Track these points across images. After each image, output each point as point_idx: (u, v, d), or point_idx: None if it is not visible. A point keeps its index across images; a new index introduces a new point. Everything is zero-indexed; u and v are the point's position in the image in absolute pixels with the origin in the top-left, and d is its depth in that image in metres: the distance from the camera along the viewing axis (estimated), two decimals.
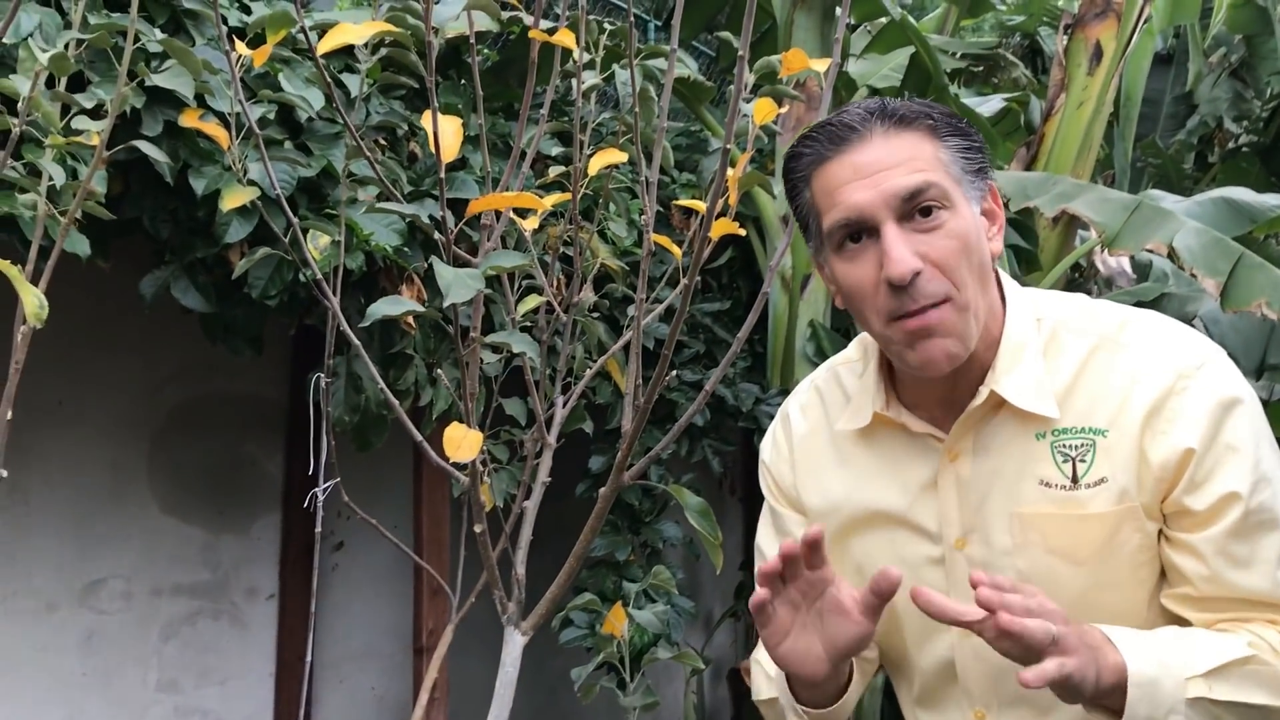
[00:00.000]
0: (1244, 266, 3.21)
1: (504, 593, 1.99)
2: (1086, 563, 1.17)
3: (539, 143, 2.22)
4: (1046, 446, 1.18)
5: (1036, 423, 1.19)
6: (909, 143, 1.16)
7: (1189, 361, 1.16)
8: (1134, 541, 1.16)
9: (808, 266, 4.29)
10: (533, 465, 2.21)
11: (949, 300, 1.14)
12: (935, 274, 1.13)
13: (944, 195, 1.14)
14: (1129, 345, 1.19)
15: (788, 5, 4.52)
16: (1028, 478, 1.19)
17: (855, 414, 1.31)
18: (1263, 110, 7.20)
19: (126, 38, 1.75)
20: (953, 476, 1.24)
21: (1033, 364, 1.19)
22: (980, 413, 1.22)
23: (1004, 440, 1.21)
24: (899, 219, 1.14)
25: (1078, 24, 4.36)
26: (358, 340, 2.01)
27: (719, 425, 4.14)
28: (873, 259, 1.15)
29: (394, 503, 3.81)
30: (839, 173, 1.16)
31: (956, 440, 1.23)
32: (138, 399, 3.56)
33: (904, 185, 1.13)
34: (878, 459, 1.30)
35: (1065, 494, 1.17)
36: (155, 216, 2.57)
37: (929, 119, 1.18)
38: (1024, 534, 1.19)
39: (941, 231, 1.14)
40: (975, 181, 1.20)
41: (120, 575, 3.49)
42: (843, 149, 1.17)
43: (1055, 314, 1.24)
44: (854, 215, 1.15)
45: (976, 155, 1.20)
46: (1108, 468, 1.16)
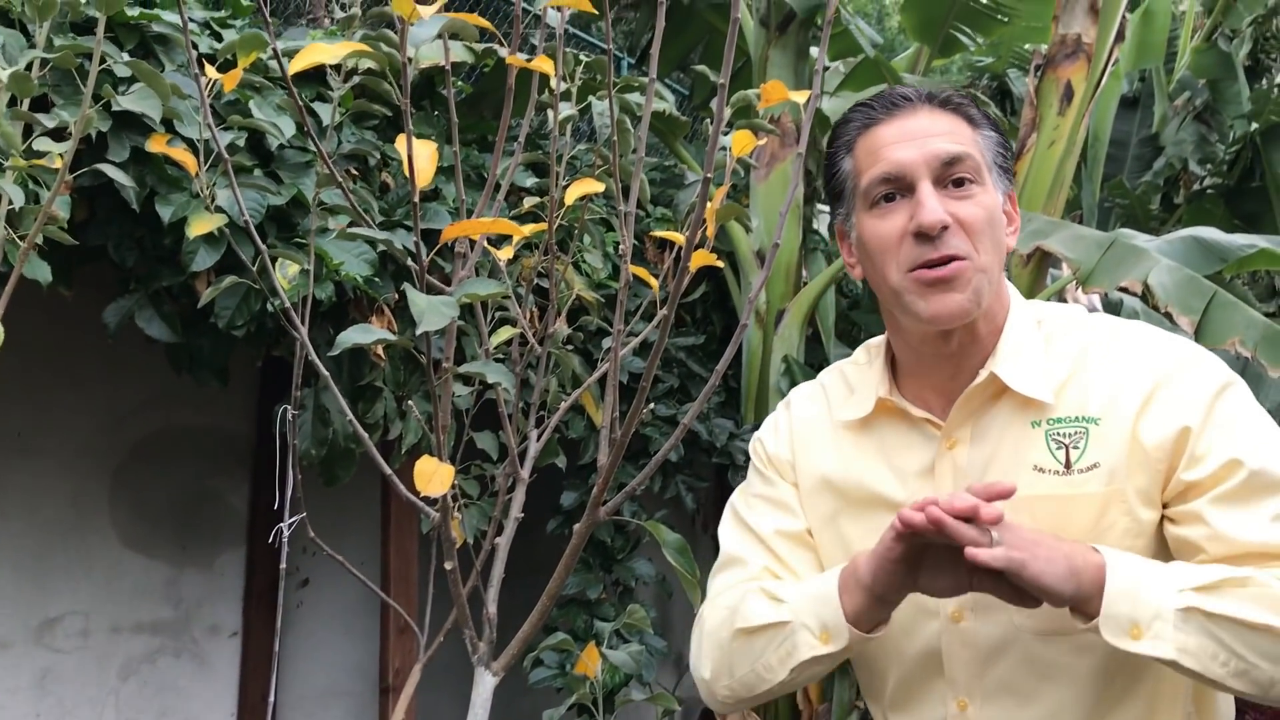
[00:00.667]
0: (1217, 305, 3.22)
1: (475, 632, 1.94)
2: None
3: (514, 174, 2.19)
4: (1041, 434, 1.23)
5: (1033, 410, 1.24)
6: (953, 121, 1.26)
7: (1183, 353, 1.23)
8: (1120, 525, 1.19)
9: (782, 301, 4.28)
10: (504, 500, 2.17)
11: (969, 259, 1.21)
12: (960, 233, 1.21)
13: (977, 170, 1.24)
14: (1123, 340, 1.26)
15: (762, 42, 4.54)
16: (1022, 464, 1.23)
17: (859, 404, 1.36)
18: (1226, 153, 7.30)
19: (92, 59, 1.71)
20: (950, 463, 1.27)
21: (1033, 354, 1.26)
22: (979, 399, 1.26)
23: (1000, 428, 1.26)
24: (935, 180, 1.22)
25: (1049, 64, 4.39)
26: (326, 371, 1.96)
27: (692, 461, 4.10)
28: (904, 213, 1.23)
29: (361, 539, 3.74)
30: (886, 134, 1.26)
31: (955, 427, 1.27)
32: (99, 430, 3.48)
33: (946, 149, 1.22)
34: (875, 446, 1.34)
35: (1058, 479, 1.21)
36: (120, 243, 2.52)
37: (972, 108, 1.29)
38: (1015, 517, 1.19)
39: (972, 201, 1.22)
40: (1002, 176, 1.29)
41: (78, 612, 3.40)
42: (893, 114, 1.26)
43: (1053, 316, 1.32)
44: (895, 170, 1.23)
45: (1006, 153, 1.30)
46: (1099, 453, 1.20)
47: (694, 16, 4.91)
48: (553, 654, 3.24)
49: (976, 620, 1.25)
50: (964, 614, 1.26)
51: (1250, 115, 7.06)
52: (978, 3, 5.24)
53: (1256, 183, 7.08)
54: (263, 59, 2.73)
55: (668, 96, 4.12)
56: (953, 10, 5.16)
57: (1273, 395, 3.91)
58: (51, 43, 2.01)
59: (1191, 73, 7.36)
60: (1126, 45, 6.68)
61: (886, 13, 16.48)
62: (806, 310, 4.27)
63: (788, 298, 4.29)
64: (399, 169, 3.10)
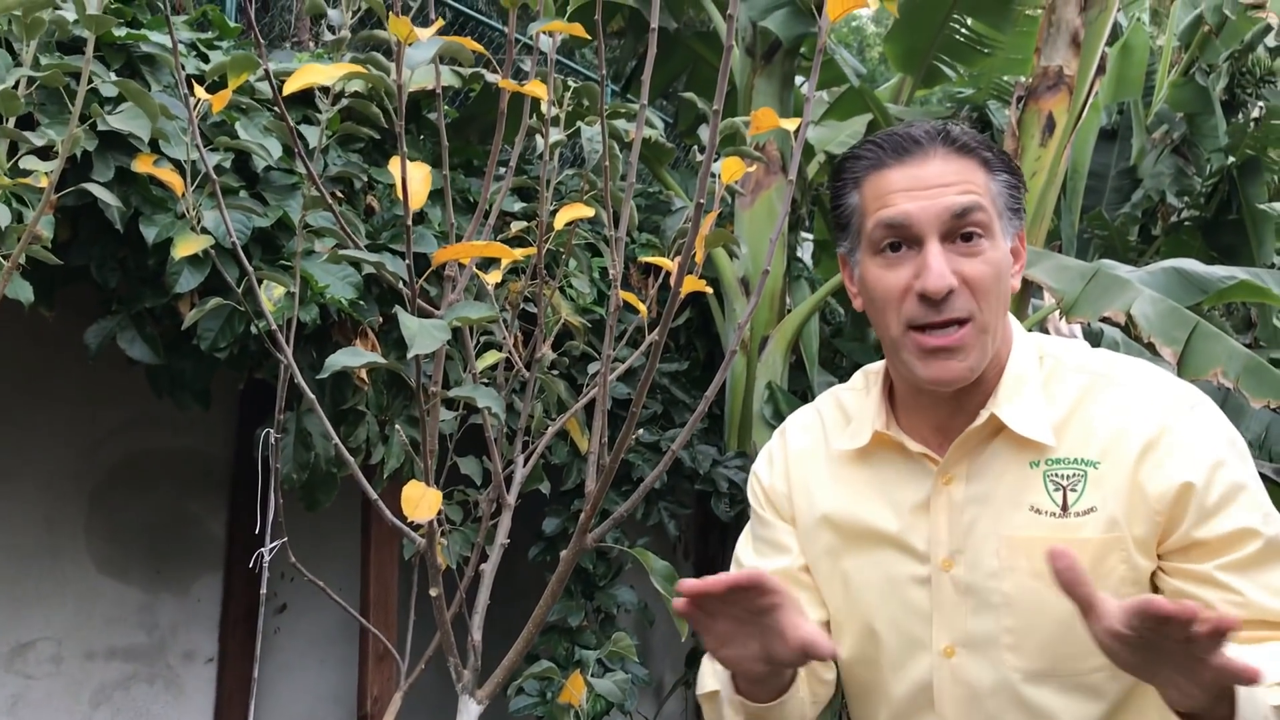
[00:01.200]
0: (1200, 335, 3.25)
1: (459, 659, 1.92)
2: None
3: (504, 199, 2.19)
4: (1039, 475, 1.21)
5: (1031, 451, 1.22)
6: (966, 167, 1.21)
7: (1184, 400, 1.21)
8: (1119, 572, 1.17)
9: (766, 328, 4.29)
10: (489, 526, 2.15)
11: (971, 320, 1.18)
12: (966, 294, 1.18)
13: (988, 224, 1.20)
14: (1124, 383, 1.23)
15: (748, 71, 4.57)
16: (1019, 504, 1.21)
17: (855, 434, 1.34)
18: (1204, 186, 7.38)
19: (80, 79, 1.70)
20: (945, 499, 1.26)
21: (1033, 394, 1.23)
22: (978, 437, 1.24)
23: (999, 467, 1.23)
24: (943, 236, 1.18)
25: (1030, 96, 4.43)
26: (312, 394, 1.94)
27: (675, 487, 4.09)
28: (909, 268, 1.19)
29: (340, 564, 3.70)
30: (896, 179, 1.21)
31: (952, 464, 1.25)
32: (77, 453, 3.44)
33: (957, 203, 1.18)
34: (872, 478, 1.32)
35: (1055, 520, 1.19)
36: (103, 264, 2.50)
37: (986, 151, 1.24)
38: (1011, 557, 1.20)
39: (980, 258, 1.19)
40: (1012, 219, 1.25)
41: (51, 637, 3.34)
42: (904, 159, 1.22)
43: (1056, 353, 1.29)
44: (902, 219, 1.19)
45: (1018, 194, 1.26)
46: (1097, 497, 1.18)
47: (679, 45, 4.94)
48: (534, 682, 3.21)
49: (968, 657, 1.24)
50: (956, 650, 1.25)
51: (1227, 149, 7.14)
52: (960, 34, 5.29)
53: (1233, 215, 7.15)
54: (250, 80, 2.72)
55: (655, 124, 4.14)
56: (936, 41, 5.21)
57: (1254, 426, 3.93)
58: (39, 62, 2.00)
59: (1169, 106, 7.45)
60: (1106, 79, 6.75)
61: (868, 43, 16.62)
62: (790, 337, 4.28)
63: (772, 325, 4.29)
64: (385, 192, 3.10)
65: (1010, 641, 1.20)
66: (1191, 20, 7.27)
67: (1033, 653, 1.19)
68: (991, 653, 1.22)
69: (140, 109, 1.89)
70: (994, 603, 1.21)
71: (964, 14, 5.17)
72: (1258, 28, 6.86)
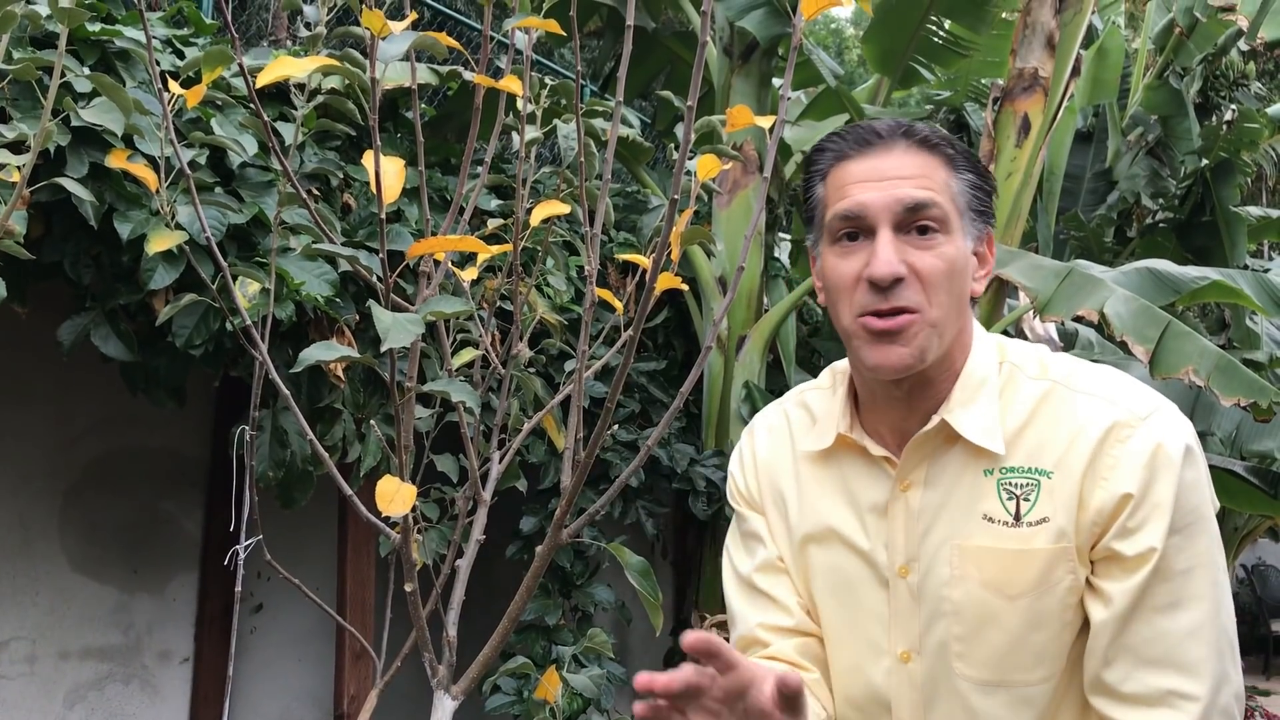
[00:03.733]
0: (1172, 334, 3.27)
1: (434, 655, 1.92)
2: (1019, 598, 1.18)
3: (479, 196, 2.19)
4: (993, 483, 1.21)
5: (985, 459, 1.21)
6: (927, 163, 1.21)
7: (1135, 411, 1.18)
8: (1065, 583, 1.17)
9: (743, 328, 4.30)
10: (465, 523, 2.15)
11: (919, 312, 1.18)
12: (915, 284, 1.17)
13: (944, 219, 1.19)
14: (1080, 392, 1.22)
15: (725, 71, 4.58)
16: (973, 512, 1.21)
17: (820, 435, 1.34)
18: (1178, 188, 7.44)
19: (53, 73, 1.69)
20: (903, 505, 1.25)
21: (988, 402, 1.23)
22: (933, 442, 1.24)
23: (954, 474, 1.23)
24: (896, 227, 1.18)
25: (1006, 97, 4.46)
26: (287, 391, 1.94)
27: (653, 486, 4.09)
28: (862, 256, 1.19)
29: (317, 563, 3.69)
30: (855, 170, 1.22)
31: (909, 469, 1.25)
32: (51, 451, 3.41)
33: (910, 195, 1.18)
34: (836, 479, 1.32)
35: (1007, 530, 1.19)
36: (77, 260, 2.49)
37: (950, 148, 1.23)
38: (962, 565, 1.20)
39: (933, 252, 1.18)
40: (976, 220, 1.24)
41: (24, 637, 3.32)
42: (864, 151, 1.22)
43: (1016, 359, 1.28)
44: (856, 210, 1.20)
45: (984, 196, 1.25)
46: (1049, 508, 1.18)
47: (657, 45, 4.95)
48: (510, 680, 3.21)
49: (922, 664, 1.24)
50: (911, 656, 1.25)
51: (1200, 151, 7.21)
52: (937, 36, 5.32)
53: (1207, 217, 7.21)
54: (225, 77, 2.71)
55: (632, 122, 4.14)
56: (912, 43, 5.23)
57: (1225, 424, 3.97)
58: (11, 55, 1.99)
59: (1144, 109, 7.51)
60: (1081, 81, 6.81)
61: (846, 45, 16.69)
62: (767, 336, 4.29)
63: (749, 324, 4.31)
64: (361, 190, 3.09)
65: (959, 650, 1.20)
66: (1166, 24, 7.34)
67: (981, 662, 1.19)
68: (943, 661, 1.22)
69: (114, 103, 1.88)
70: (944, 610, 1.21)
71: (940, 16, 5.20)
72: (1230, 31, 6.92)
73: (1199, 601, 1.14)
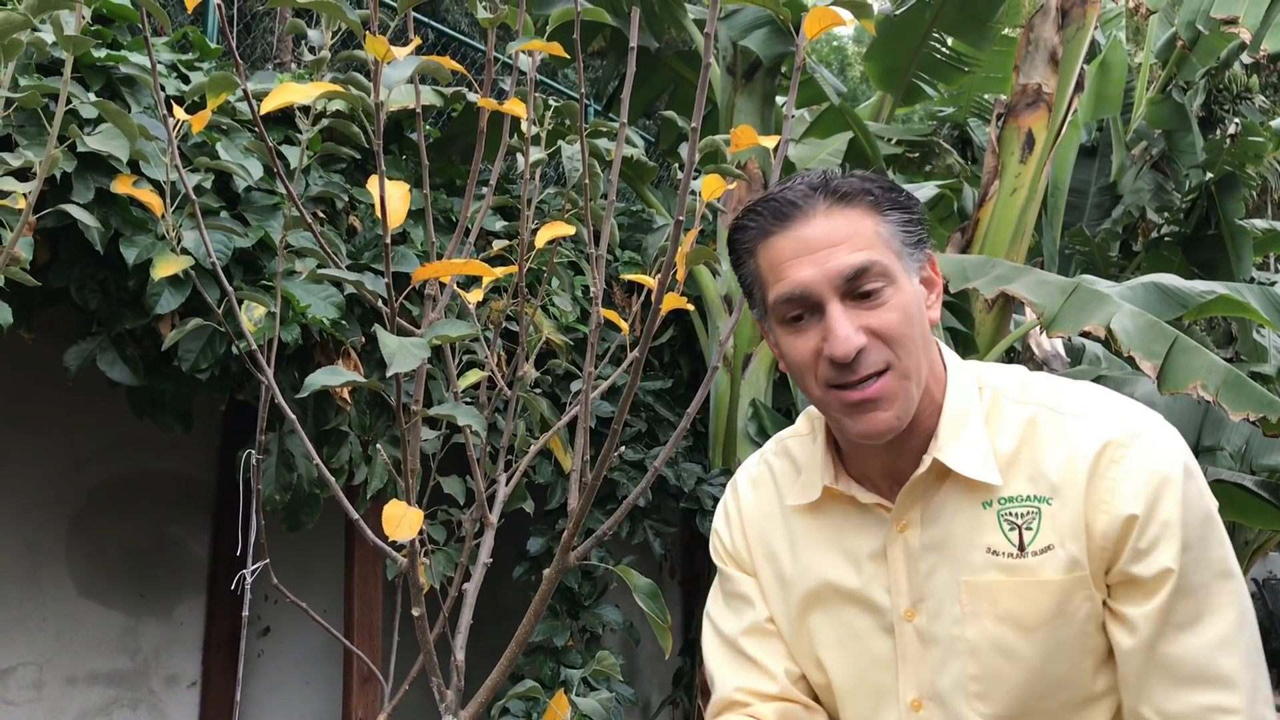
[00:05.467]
0: (1179, 349, 3.26)
1: (442, 679, 1.90)
2: (1037, 630, 1.16)
3: (484, 217, 2.19)
4: (993, 515, 1.18)
5: (982, 491, 1.19)
6: (851, 219, 1.17)
7: (1126, 430, 1.17)
8: (1084, 610, 1.16)
9: (749, 346, 4.29)
10: (472, 546, 2.14)
11: (889, 369, 1.15)
12: (878, 345, 1.15)
13: (885, 272, 1.16)
14: (1068, 414, 1.20)
15: (729, 90, 4.59)
16: (975, 546, 1.19)
17: (805, 489, 1.31)
18: (1183, 202, 7.44)
19: (58, 100, 1.69)
20: (901, 546, 1.23)
21: (975, 432, 1.20)
22: (925, 482, 1.21)
23: (951, 510, 1.21)
24: (842, 296, 1.16)
25: (1010, 113, 4.47)
26: (293, 415, 1.94)
27: (660, 506, 4.08)
28: (816, 332, 1.17)
29: (324, 586, 3.68)
30: (784, 247, 1.18)
31: (904, 510, 1.22)
32: (57, 477, 3.41)
33: (847, 264, 1.15)
34: (827, 532, 1.29)
35: (1013, 561, 1.17)
36: (83, 286, 2.49)
37: (870, 195, 1.19)
38: (973, 602, 1.18)
39: (884, 307, 1.16)
40: (914, 253, 1.21)
41: (32, 663, 3.31)
42: (786, 225, 1.19)
43: (995, 383, 1.25)
44: (799, 292, 1.17)
45: (916, 228, 1.22)
46: (1054, 535, 1.16)
47: (660, 65, 4.97)
48: (519, 703, 3.19)
49: (935, 709, 1.22)
50: (923, 703, 1.23)
51: (1205, 165, 7.20)
52: (940, 52, 5.33)
53: (1212, 230, 7.21)
54: (230, 101, 2.72)
55: (636, 142, 4.15)
56: (915, 60, 5.25)
57: (1235, 439, 3.95)
58: (17, 83, 1.99)
59: (1147, 123, 7.51)
60: (1084, 96, 6.82)
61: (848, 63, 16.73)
62: (774, 355, 4.28)
63: (755, 342, 4.30)
64: (366, 212, 3.09)
65: (977, 690, 1.18)
66: (1168, 38, 7.35)
67: (1000, 699, 1.17)
68: (958, 703, 1.19)
69: (119, 129, 1.89)
70: (958, 650, 1.18)
71: (943, 32, 5.21)
72: (1233, 45, 6.93)
73: (1223, 611, 1.13)
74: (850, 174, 1.21)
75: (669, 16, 4.67)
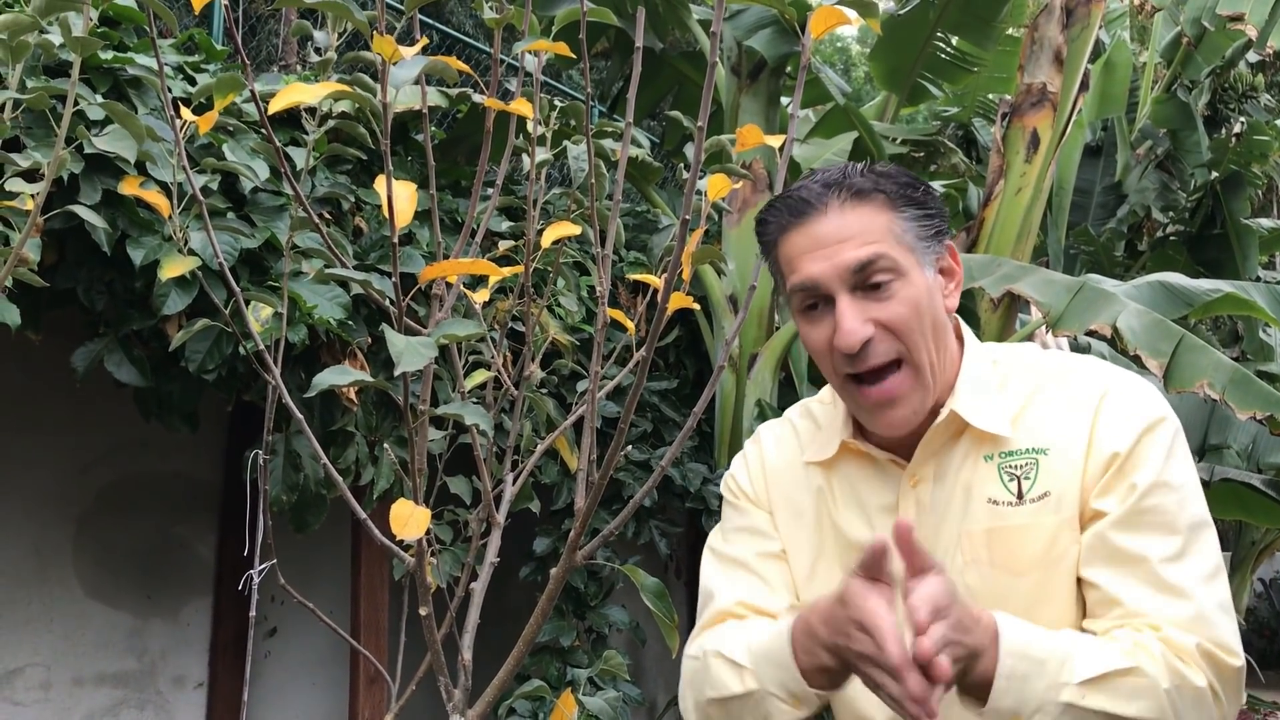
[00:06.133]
0: (1185, 348, 3.26)
1: (449, 679, 1.91)
2: (1027, 574, 1.22)
3: (490, 218, 2.19)
4: (994, 468, 1.25)
5: (988, 444, 1.26)
6: (863, 216, 1.23)
7: (1118, 379, 1.26)
8: (1071, 554, 1.21)
9: (755, 346, 4.29)
10: (479, 546, 2.14)
11: (901, 361, 1.22)
12: (886, 336, 1.21)
13: (894, 265, 1.21)
14: (1070, 378, 1.28)
15: (734, 90, 4.59)
16: (977, 498, 1.25)
17: (824, 445, 1.37)
18: (1188, 201, 7.43)
19: (66, 102, 1.70)
20: (913, 500, 1.29)
21: (989, 391, 1.28)
22: (941, 438, 1.27)
23: (957, 465, 1.27)
24: (851, 289, 1.21)
25: (1015, 113, 4.46)
26: (300, 415, 1.94)
27: (666, 506, 4.08)
28: (828, 323, 1.23)
29: (331, 587, 3.69)
30: (799, 242, 1.25)
31: (919, 466, 1.29)
32: (65, 478, 3.42)
33: (855, 258, 1.21)
34: (842, 487, 1.35)
35: (1010, 509, 1.23)
36: (90, 287, 2.50)
37: (883, 191, 1.24)
38: (972, 550, 1.24)
39: (894, 299, 1.21)
40: (931, 246, 1.26)
41: (39, 664, 3.32)
42: (801, 221, 1.25)
43: (1009, 358, 1.33)
44: (810, 284, 1.23)
45: (932, 221, 1.26)
46: (1049, 483, 1.22)
47: (665, 65, 4.97)
48: (526, 703, 3.20)
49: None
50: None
51: (1210, 164, 7.20)
52: (944, 52, 5.33)
53: (1217, 229, 7.20)
54: (236, 102, 2.73)
55: (642, 142, 4.15)
56: (920, 59, 5.24)
57: (1241, 437, 3.95)
58: (25, 85, 2.00)
59: (1152, 122, 7.50)
60: (1089, 95, 6.80)
61: (853, 63, 16.73)
62: (779, 354, 4.28)
63: (760, 342, 4.30)
64: (372, 213, 3.10)
65: None
66: (1173, 37, 7.34)
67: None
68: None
69: (126, 131, 1.89)
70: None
71: (947, 32, 5.20)
72: (1238, 43, 6.92)
73: (1205, 554, 1.18)
74: (869, 170, 1.26)
75: (674, 17, 4.67)
